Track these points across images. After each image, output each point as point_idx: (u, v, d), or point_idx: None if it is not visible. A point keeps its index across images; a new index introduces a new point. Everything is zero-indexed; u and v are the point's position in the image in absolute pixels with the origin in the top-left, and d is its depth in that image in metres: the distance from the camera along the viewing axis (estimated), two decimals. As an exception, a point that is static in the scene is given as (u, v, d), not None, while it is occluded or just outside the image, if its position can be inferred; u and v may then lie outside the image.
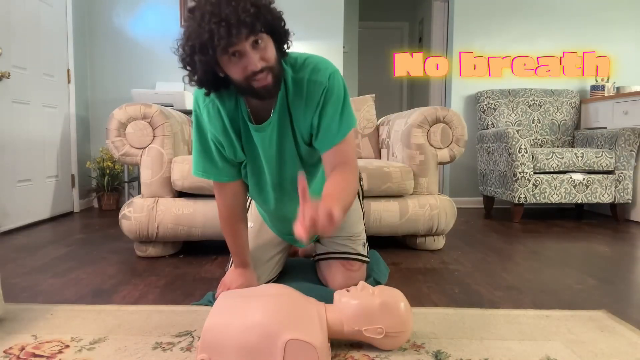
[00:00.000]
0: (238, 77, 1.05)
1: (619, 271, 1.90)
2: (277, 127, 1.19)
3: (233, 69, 1.04)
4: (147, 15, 3.77)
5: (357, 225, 1.50)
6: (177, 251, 2.15)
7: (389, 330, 1.06)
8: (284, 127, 1.19)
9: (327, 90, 1.14)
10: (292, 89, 1.16)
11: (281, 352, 0.94)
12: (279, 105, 1.17)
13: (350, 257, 1.45)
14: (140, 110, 2.03)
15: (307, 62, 1.16)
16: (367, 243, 1.54)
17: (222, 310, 1.02)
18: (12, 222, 2.74)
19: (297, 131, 1.20)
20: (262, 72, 1.03)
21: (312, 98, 1.15)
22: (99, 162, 3.61)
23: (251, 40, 1.00)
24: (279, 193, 1.32)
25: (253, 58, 1.01)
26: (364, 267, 1.47)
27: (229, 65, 1.04)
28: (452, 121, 2.19)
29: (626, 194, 3.11)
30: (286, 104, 1.17)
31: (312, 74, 1.15)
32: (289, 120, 1.19)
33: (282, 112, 1.18)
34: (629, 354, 1.09)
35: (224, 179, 1.27)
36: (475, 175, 3.94)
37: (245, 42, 0.99)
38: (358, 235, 1.48)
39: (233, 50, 0.99)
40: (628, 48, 3.99)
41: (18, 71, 2.83)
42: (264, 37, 1.03)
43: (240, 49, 1.00)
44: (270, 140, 1.20)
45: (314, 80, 1.14)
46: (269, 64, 1.04)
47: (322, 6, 3.77)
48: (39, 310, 1.36)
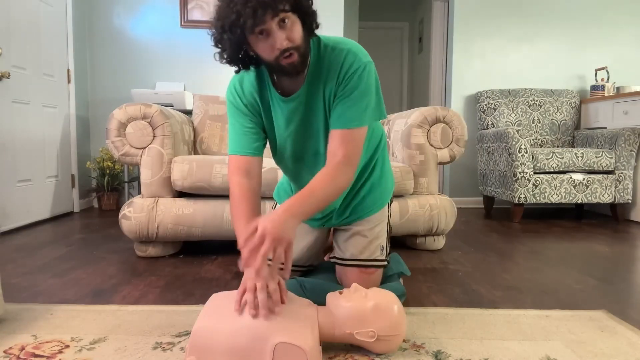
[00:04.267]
0: (266, 55, 1.08)
1: (619, 271, 1.90)
2: (304, 102, 1.21)
3: (261, 48, 1.07)
4: (147, 15, 3.77)
5: (376, 227, 1.41)
6: (177, 251, 2.15)
7: (381, 333, 1.04)
8: (313, 102, 1.21)
9: (359, 75, 1.15)
10: (324, 68, 1.18)
11: (270, 355, 0.93)
12: (308, 83, 1.19)
13: (366, 265, 1.38)
14: (140, 110, 2.03)
15: (345, 45, 1.18)
16: (388, 245, 1.45)
17: (211, 313, 1.01)
18: (12, 222, 2.74)
19: (329, 108, 1.21)
20: (288, 52, 1.06)
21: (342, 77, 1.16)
22: (99, 162, 3.61)
23: (277, 20, 1.03)
24: (299, 165, 1.32)
25: (279, 37, 1.04)
26: (380, 270, 1.42)
27: (257, 44, 1.07)
28: (452, 121, 2.19)
29: (626, 194, 3.11)
30: (317, 80, 1.19)
31: (348, 56, 1.16)
32: (320, 98, 1.20)
33: (311, 89, 1.19)
34: (629, 354, 1.09)
35: (257, 153, 1.27)
36: (475, 175, 3.94)
37: (271, 21, 1.02)
38: (377, 237, 1.41)
39: (260, 30, 1.03)
40: (628, 48, 3.99)
41: (18, 71, 2.83)
42: (291, 17, 1.05)
43: (266, 28, 1.03)
44: (295, 113, 1.22)
45: (349, 62, 1.15)
46: (295, 44, 1.06)
47: (322, 6, 3.78)
48: (39, 310, 1.36)
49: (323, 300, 1.12)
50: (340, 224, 1.43)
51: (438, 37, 4.35)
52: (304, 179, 1.30)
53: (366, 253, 1.38)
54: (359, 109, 1.17)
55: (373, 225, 1.40)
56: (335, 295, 1.10)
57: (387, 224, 1.46)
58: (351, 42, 1.21)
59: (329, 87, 1.19)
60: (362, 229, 1.39)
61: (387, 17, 6.12)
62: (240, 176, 1.23)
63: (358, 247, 1.38)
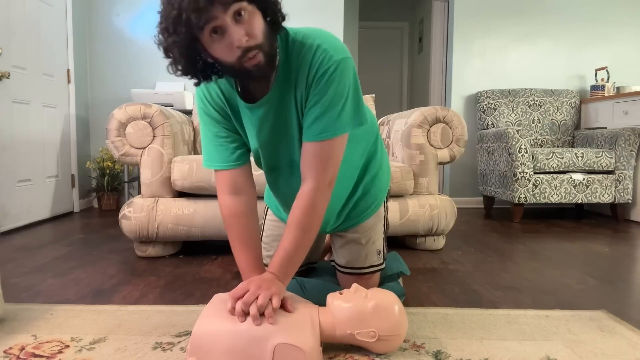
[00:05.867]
0: (226, 57, 0.92)
1: (619, 271, 1.89)
2: (274, 108, 1.06)
3: (218, 49, 0.91)
4: (147, 15, 3.77)
5: (372, 232, 1.36)
6: (177, 251, 2.15)
7: (382, 333, 1.04)
8: (284, 108, 1.06)
9: (328, 77, 0.99)
10: (292, 67, 1.02)
11: (270, 356, 0.93)
12: (277, 86, 1.04)
13: (363, 272, 1.35)
14: (140, 110, 2.03)
15: (314, 39, 1.01)
16: (384, 244, 1.39)
17: (212, 313, 1.01)
18: (12, 222, 2.74)
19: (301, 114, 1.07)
20: (251, 51, 0.90)
21: (312, 79, 1.01)
22: (99, 162, 3.61)
23: (231, 13, 0.87)
24: (275, 174, 1.22)
25: (236, 33, 0.88)
26: (377, 273, 1.39)
27: (213, 46, 0.91)
28: (452, 121, 2.19)
29: (626, 194, 3.11)
30: (287, 83, 1.04)
31: (316, 53, 0.99)
32: (292, 102, 1.05)
33: (282, 92, 1.05)
34: (629, 354, 1.09)
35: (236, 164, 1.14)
36: (475, 175, 3.94)
37: (223, 15, 0.86)
38: (373, 242, 1.35)
39: (212, 27, 0.87)
40: (628, 48, 3.99)
41: (18, 71, 2.83)
42: (247, 8, 0.89)
43: (219, 24, 0.87)
44: (265, 120, 1.08)
45: (318, 61, 0.99)
46: (256, 41, 0.91)
47: (322, 6, 3.78)
48: (39, 310, 1.36)
49: (323, 300, 1.11)
50: (334, 230, 1.36)
51: (438, 37, 4.35)
52: (280, 189, 1.24)
53: (362, 261, 1.34)
54: (332, 117, 1.01)
55: (368, 231, 1.34)
56: (336, 295, 1.10)
57: (384, 224, 1.40)
58: (324, 33, 1.03)
59: (299, 90, 1.03)
60: (357, 236, 1.33)
61: (387, 17, 6.12)
62: (226, 194, 1.13)
63: (353, 254, 1.34)
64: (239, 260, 1.13)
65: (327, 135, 1.02)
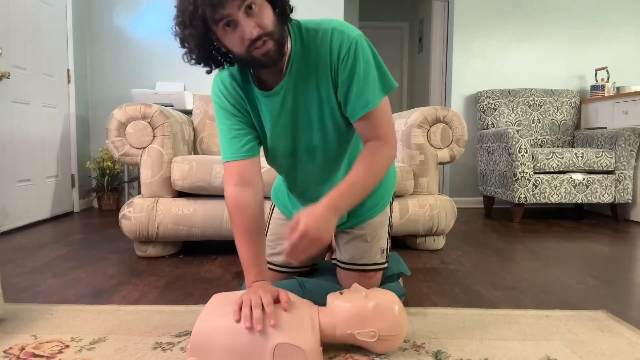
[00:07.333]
0: (237, 48, 0.98)
1: (619, 271, 1.89)
2: (291, 95, 1.11)
3: (230, 41, 0.98)
4: (147, 15, 3.77)
5: (377, 230, 1.37)
6: (177, 251, 2.15)
7: (382, 333, 1.04)
8: (303, 94, 1.11)
9: (353, 54, 1.05)
10: (311, 55, 1.08)
11: (270, 355, 0.93)
12: (294, 74, 1.09)
13: (366, 269, 1.36)
14: (140, 110, 2.03)
15: (327, 24, 1.08)
16: (388, 245, 1.41)
17: (212, 313, 1.01)
18: (12, 222, 2.74)
19: (324, 98, 1.11)
20: (260, 40, 0.96)
21: (337, 61, 1.06)
22: (99, 162, 3.61)
23: (243, 7, 0.93)
24: (292, 162, 1.22)
25: (248, 25, 0.94)
26: (379, 272, 1.39)
27: (226, 37, 0.97)
28: (452, 121, 2.19)
29: (626, 194, 3.11)
30: (305, 68, 1.09)
31: (334, 36, 1.05)
32: (313, 88, 1.10)
33: (298, 78, 1.10)
34: (629, 354, 1.09)
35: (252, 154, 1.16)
36: (475, 175, 3.94)
37: (235, 9, 0.92)
38: (378, 240, 1.37)
39: (225, 20, 0.94)
40: (628, 48, 3.99)
41: (18, 71, 2.83)
42: (258, 2, 0.95)
43: (232, 18, 0.94)
44: (283, 107, 1.12)
45: (338, 43, 1.05)
46: (266, 29, 0.96)
47: (322, 6, 3.78)
48: (39, 310, 1.36)
49: (323, 300, 1.12)
50: (341, 228, 1.38)
51: (438, 36, 4.35)
52: (298, 179, 1.26)
53: (366, 258, 1.35)
54: (369, 88, 1.07)
55: (374, 229, 1.36)
56: (336, 295, 1.10)
57: (389, 224, 1.42)
58: (333, 19, 1.10)
59: (323, 75, 1.09)
60: (363, 233, 1.35)
61: (387, 16, 6.12)
62: (233, 185, 1.13)
63: (358, 251, 1.35)
64: (242, 253, 1.12)
65: (372, 105, 1.08)
